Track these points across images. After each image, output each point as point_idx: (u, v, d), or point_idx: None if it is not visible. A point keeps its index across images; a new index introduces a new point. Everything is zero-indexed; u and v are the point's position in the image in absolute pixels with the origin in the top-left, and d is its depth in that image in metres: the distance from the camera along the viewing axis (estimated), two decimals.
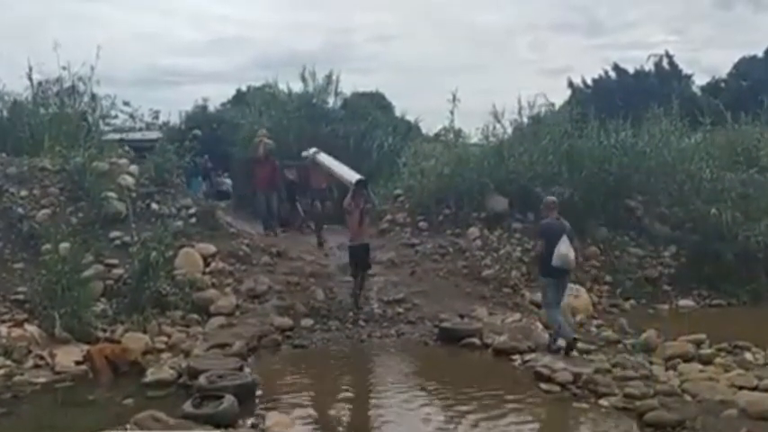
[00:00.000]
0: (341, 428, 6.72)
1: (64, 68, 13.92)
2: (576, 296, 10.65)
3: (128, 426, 5.98)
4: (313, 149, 12.93)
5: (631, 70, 27.94)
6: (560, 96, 26.10)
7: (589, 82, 28.50)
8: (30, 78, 13.87)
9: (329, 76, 18.65)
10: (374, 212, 11.37)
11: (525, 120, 15.22)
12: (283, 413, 6.69)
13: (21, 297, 9.14)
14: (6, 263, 9.75)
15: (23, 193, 10.85)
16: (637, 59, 37.04)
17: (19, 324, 8.66)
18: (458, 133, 16.16)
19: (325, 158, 12.51)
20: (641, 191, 13.52)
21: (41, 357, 8.28)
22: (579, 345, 8.71)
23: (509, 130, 15.01)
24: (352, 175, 11.05)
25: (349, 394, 7.61)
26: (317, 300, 10.42)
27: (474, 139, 15.74)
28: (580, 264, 12.05)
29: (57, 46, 13.27)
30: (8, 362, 8.06)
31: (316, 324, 9.83)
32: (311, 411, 6.95)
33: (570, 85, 28.42)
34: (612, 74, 28.31)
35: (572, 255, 8.24)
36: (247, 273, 10.80)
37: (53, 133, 12.66)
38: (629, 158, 13.17)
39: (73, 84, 14.22)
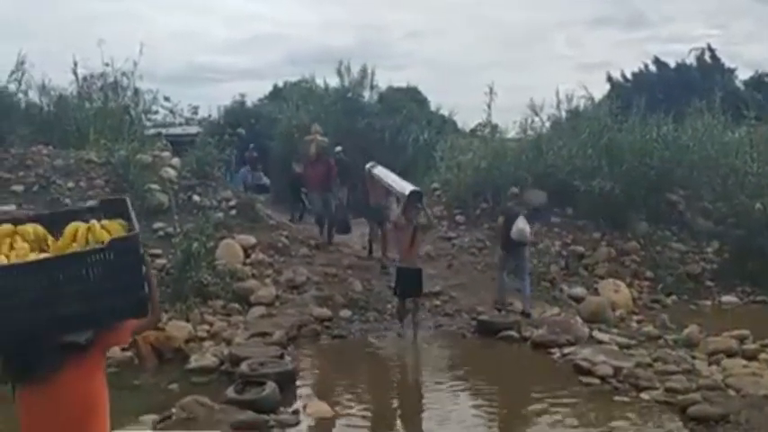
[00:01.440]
0: (378, 417, 6.78)
1: (107, 64, 14.30)
2: (617, 291, 10.56)
3: (173, 409, 6.13)
4: (369, 163, 11.71)
5: (672, 64, 27.42)
6: (599, 91, 25.72)
7: (629, 76, 28.03)
8: (75, 73, 14.27)
9: (364, 70, 18.76)
10: (429, 229, 9.80)
11: (563, 113, 15.13)
12: (323, 401, 6.78)
13: None
14: None
15: (70, 184, 11.13)
16: (678, 53, 36.33)
17: None
18: (494, 128, 16.11)
19: (381, 171, 11.35)
20: (683, 185, 13.29)
21: None
22: (619, 339, 8.71)
23: (547, 125, 14.95)
24: (405, 187, 9.90)
25: (387, 385, 7.68)
26: (354, 291, 10.49)
27: (511, 134, 15.68)
28: (619, 259, 12.07)
29: (100, 42, 13.63)
30: None
31: (354, 315, 9.90)
32: (350, 400, 7.03)
33: (609, 79, 27.96)
34: (653, 67, 27.79)
35: (527, 229, 10.00)
36: (286, 264, 10.92)
37: (98, 127, 12.98)
38: (670, 152, 12.95)
39: (116, 79, 14.58)
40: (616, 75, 28.06)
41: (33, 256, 2.62)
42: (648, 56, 28.52)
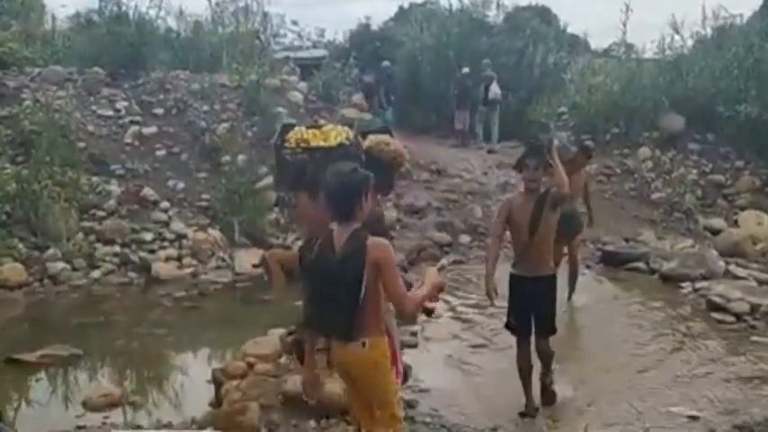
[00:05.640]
0: (494, 345, 6.76)
1: None
2: (760, 223, 9.83)
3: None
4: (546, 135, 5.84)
5: None
6: (750, 6, 23.32)
7: None
8: None
9: None
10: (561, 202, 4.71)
11: (709, 30, 13.90)
12: (441, 326, 6.86)
13: (204, 204, 9.96)
14: (191, 172, 10.59)
15: (205, 108, 11.64)
16: None
17: (203, 228, 9.52)
18: (630, 47, 15.11)
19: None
20: None
21: (223, 259, 9.09)
22: (759, 275, 8.16)
23: (689, 43, 13.82)
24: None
25: (504, 311, 7.59)
26: (474, 217, 10.45)
27: (648, 54, 14.66)
28: (764, 189, 11.17)
29: None
30: (194, 261, 8.95)
31: (473, 241, 9.89)
32: (468, 324, 7.04)
33: None
34: None
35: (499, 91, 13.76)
36: (408, 188, 10.99)
37: (230, 51, 13.39)
38: None
39: (246, 3, 14.92)
40: None
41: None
42: None
